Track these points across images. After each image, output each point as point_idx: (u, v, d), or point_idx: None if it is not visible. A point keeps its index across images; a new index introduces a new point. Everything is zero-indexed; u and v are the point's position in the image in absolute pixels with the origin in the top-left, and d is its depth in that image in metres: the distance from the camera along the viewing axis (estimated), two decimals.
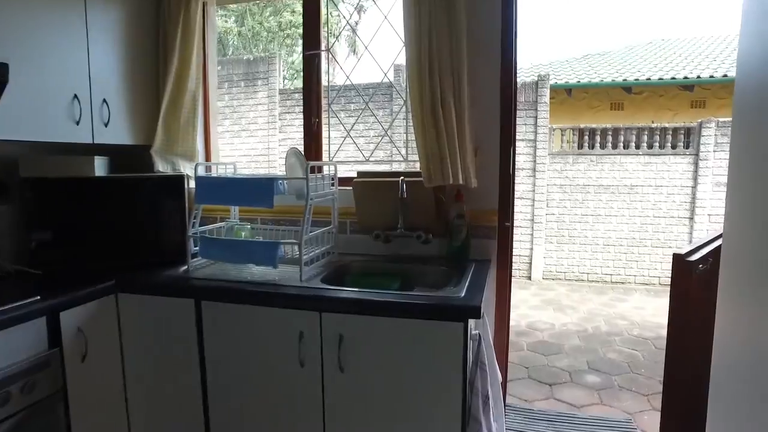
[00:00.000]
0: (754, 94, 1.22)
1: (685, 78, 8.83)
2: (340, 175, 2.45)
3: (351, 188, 2.42)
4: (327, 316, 1.73)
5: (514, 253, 7.54)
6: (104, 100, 2.23)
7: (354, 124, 7.36)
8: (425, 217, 2.34)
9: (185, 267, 2.12)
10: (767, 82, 1.16)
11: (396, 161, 5.90)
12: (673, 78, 8.87)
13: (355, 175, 2.48)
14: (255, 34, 13.78)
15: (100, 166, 2.25)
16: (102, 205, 2.22)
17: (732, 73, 8.82)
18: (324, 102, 2.72)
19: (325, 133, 2.73)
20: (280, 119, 8.50)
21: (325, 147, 2.73)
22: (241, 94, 8.35)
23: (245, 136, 8.39)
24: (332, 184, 2.36)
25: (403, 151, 3.18)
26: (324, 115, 2.74)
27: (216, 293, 1.88)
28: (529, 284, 7.24)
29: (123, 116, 2.37)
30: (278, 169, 8.39)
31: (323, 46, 2.67)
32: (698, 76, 8.84)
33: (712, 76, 8.80)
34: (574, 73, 9.82)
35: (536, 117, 7.13)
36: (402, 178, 2.20)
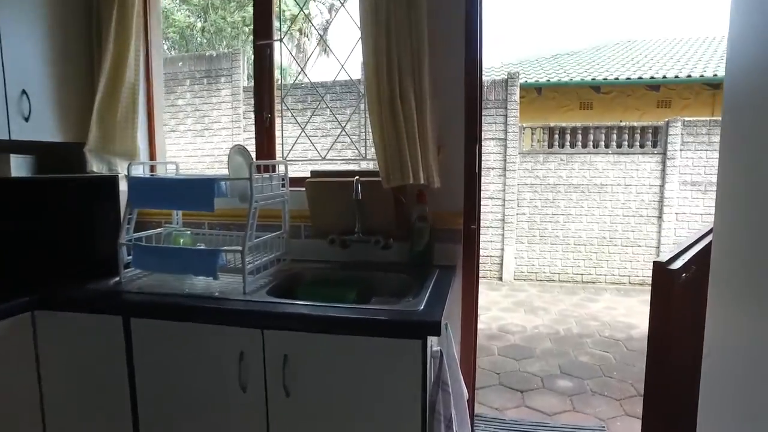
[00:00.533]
0: (746, 92, 1.09)
1: (652, 78, 8.90)
2: (299, 174, 2.26)
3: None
4: (270, 334, 1.54)
5: (484, 254, 7.49)
6: (23, 92, 1.98)
7: (308, 120, 7.15)
8: (384, 220, 2.16)
9: (117, 279, 1.89)
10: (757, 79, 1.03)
11: (361, 160, 5.72)
12: (640, 78, 8.93)
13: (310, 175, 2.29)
14: (218, 30, 13.39)
15: (19, 166, 2.00)
16: (20, 211, 1.97)
17: (696, 74, 8.93)
18: (277, 97, 2.52)
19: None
20: (244, 118, 8.22)
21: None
22: (204, 92, 8.04)
23: (209, 135, 8.09)
24: (283, 185, 2.16)
25: (363, 149, 2.99)
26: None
27: (146, 309, 1.66)
28: (500, 285, 7.14)
29: (48, 110, 2.11)
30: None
31: (275, 37, 2.47)
32: (664, 77, 8.92)
33: (677, 77, 8.89)
34: (543, 72, 9.82)
35: (506, 115, 7.04)
36: (357, 177, 2.02)
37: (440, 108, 2.11)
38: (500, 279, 7.35)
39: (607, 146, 7.01)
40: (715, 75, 8.86)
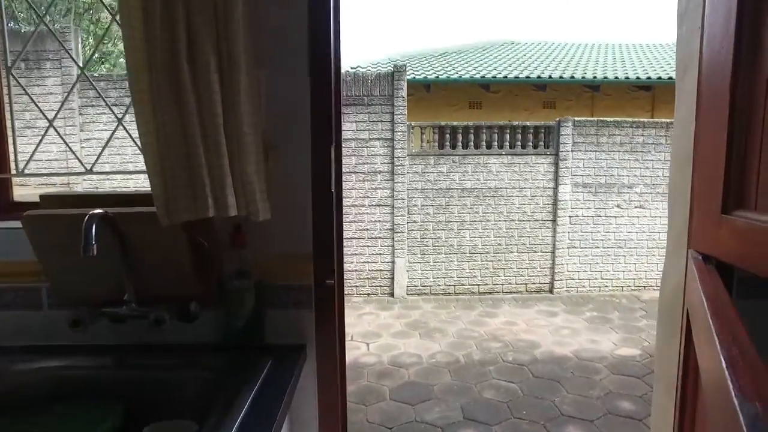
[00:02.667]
0: None
1: (539, 77, 8.72)
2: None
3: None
4: None
5: (372, 268, 6.73)
6: None
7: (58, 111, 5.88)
8: (174, 278, 1.20)
9: None
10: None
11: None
12: (528, 77, 8.71)
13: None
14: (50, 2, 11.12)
15: None
16: None
17: (578, 75, 8.91)
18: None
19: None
20: (81, 114, 6.68)
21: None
22: (22, 79, 6.37)
23: (31, 135, 6.43)
24: None
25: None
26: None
27: None
28: (392, 303, 6.38)
29: None
30: (79, 183, 6.56)
31: None
32: (549, 76, 8.78)
33: (561, 77, 8.80)
34: (432, 69, 9.30)
35: (393, 113, 6.29)
36: (103, 211, 1.03)
37: (271, 104, 1.21)
38: (392, 295, 6.59)
39: (500, 147, 6.54)
40: (595, 77, 8.90)
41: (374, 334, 5.22)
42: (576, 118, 6.57)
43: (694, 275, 1.15)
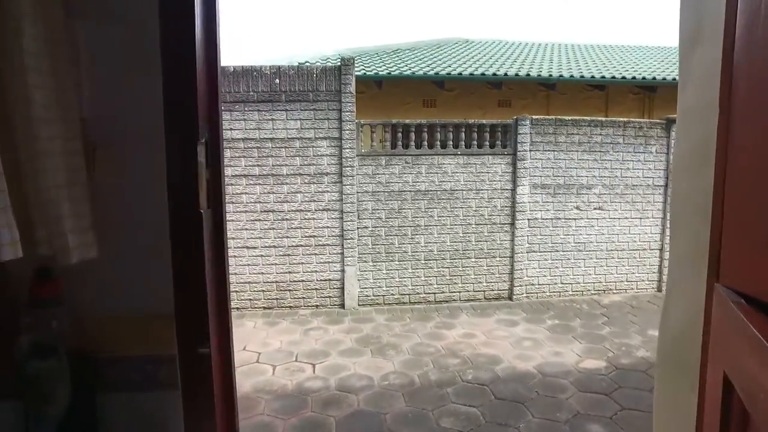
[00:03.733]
0: None
1: (494, 75, 8.44)
2: None
3: None
4: None
5: (321, 278, 6.22)
6: None
7: None
8: None
9: None
10: None
11: None
12: (483, 74, 8.42)
13: None
14: None
15: None
16: None
17: (534, 73, 8.69)
18: None
19: None
20: None
21: None
22: None
23: None
24: None
25: None
26: None
27: None
28: (342, 315, 5.89)
29: None
30: None
31: None
32: (505, 74, 8.51)
33: (517, 74, 8.55)
34: (384, 65, 8.86)
35: (340, 110, 5.81)
36: None
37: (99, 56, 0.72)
38: (342, 306, 6.10)
39: (455, 146, 6.17)
40: (551, 75, 8.71)
41: (321, 353, 4.72)
42: (534, 117, 6.28)
43: (736, 324, 0.74)
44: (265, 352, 4.73)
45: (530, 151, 6.23)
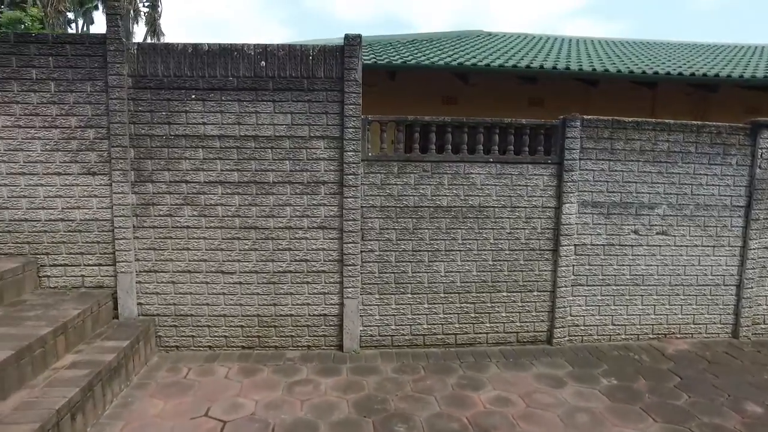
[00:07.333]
0: None
1: (528, 68, 7.17)
2: None
3: None
4: None
5: (314, 313, 3.78)
6: None
7: None
8: None
9: None
10: None
11: None
12: (515, 66, 7.15)
13: None
14: None
15: None
16: None
17: (573, 67, 7.40)
18: None
19: None
20: None
21: None
22: None
23: None
24: None
25: None
26: None
27: None
28: (339, 361, 4.65)
29: None
30: None
31: None
32: (541, 66, 7.26)
33: (555, 68, 7.27)
34: (398, 55, 7.62)
35: (343, 102, 4.58)
36: None
37: None
38: (340, 348, 4.86)
39: (486, 152, 4.92)
40: (594, 69, 7.43)
41: (306, 426, 3.49)
42: (586, 117, 5.01)
43: None
44: (233, 423, 3.50)
45: (580, 160, 4.96)
